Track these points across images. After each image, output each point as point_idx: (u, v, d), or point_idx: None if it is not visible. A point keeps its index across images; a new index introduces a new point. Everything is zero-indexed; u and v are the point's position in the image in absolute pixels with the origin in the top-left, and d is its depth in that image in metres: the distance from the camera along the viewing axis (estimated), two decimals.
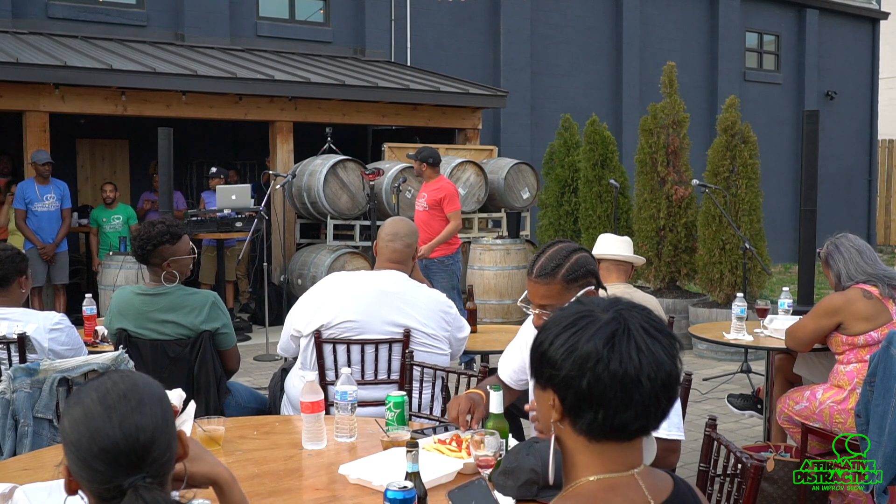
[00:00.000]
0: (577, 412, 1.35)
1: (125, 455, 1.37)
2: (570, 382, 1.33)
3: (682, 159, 8.57)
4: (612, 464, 1.36)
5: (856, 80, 19.09)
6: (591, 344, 1.33)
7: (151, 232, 3.58)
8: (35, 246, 8.34)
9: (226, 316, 3.68)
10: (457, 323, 3.66)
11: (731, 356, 7.70)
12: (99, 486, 1.38)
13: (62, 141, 10.12)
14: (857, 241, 3.98)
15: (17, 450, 2.83)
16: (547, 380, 1.38)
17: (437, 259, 7.44)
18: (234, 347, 3.75)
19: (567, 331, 1.36)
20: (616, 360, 1.31)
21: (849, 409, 3.74)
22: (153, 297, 3.61)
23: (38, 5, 10.65)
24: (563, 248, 2.62)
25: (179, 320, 3.58)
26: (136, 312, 3.60)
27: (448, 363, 3.66)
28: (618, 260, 4.20)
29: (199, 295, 3.65)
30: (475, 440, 2.20)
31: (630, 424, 1.34)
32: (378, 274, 3.57)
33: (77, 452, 1.38)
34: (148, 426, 1.40)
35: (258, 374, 7.23)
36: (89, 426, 1.38)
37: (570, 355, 1.34)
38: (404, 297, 3.51)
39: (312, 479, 2.44)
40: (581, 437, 1.36)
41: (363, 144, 12.48)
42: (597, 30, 15.20)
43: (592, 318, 1.36)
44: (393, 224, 3.65)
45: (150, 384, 1.47)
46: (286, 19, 12.47)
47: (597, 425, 1.33)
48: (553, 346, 1.36)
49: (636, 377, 1.31)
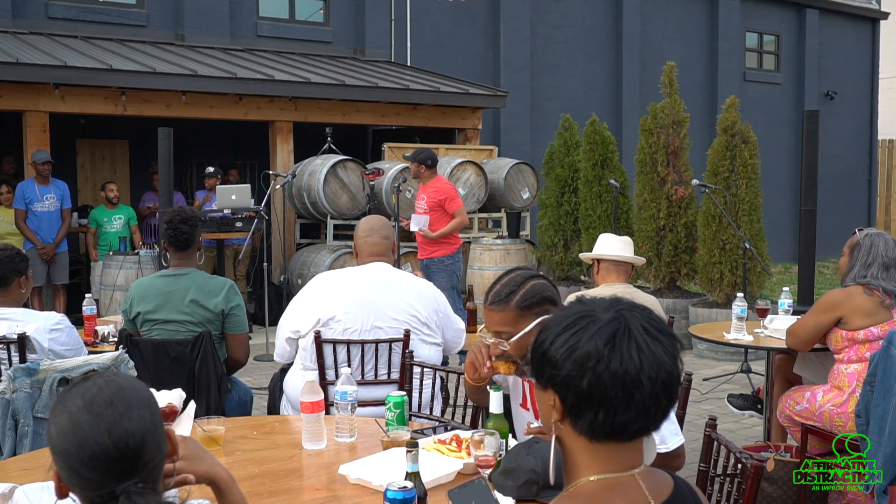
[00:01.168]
0: (577, 412, 1.34)
1: (116, 462, 1.36)
2: (571, 382, 1.33)
3: (682, 159, 8.57)
4: (612, 464, 1.36)
5: (856, 80, 19.09)
6: (591, 344, 1.32)
7: (190, 213, 3.89)
8: (35, 246, 8.34)
9: (240, 300, 3.87)
10: (447, 311, 3.72)
11: (731, 356, 7.70)
12: (91, 493, 1.37)
13: (62, 141, 10.12)
14: (892, 253, 3.83)
15: (17, 450, 2.83)
16: (548, 380, 1.38)
17: (438, 259, 7.45)
18: (243, 335, 3.88)
19: (567, 330, 1.36)
20: (617, 359, 1.31)
21: (849, 413, 3.73)
22: (176, 278, 3.80)
23: (38, 5, 10.65)
24: (519, 275, 2.58)
25: (201, 300, 3.75)
26: (159, 293, 3.78)
27: (440, 357, 3.69)
28: (618, 260, 4.20)
29: (217, 279, 3.89)
30: (475, 440, 2.20)
31: (631, 425, 1.33)
32: (364, 267, 3.67)
33: (66, 461, 1.37)
34: (137, 431, 1.38)
35: (258, 374, 7.23)
36: (77, 435, 1.36)
37: (571, 355, 1.33)
38: (394, 284, 3.61)
39: (312, 479, 2.44)
40: (581, 437, 1.36)
41: (363, 144, 12.49)
42: (597, 30, 15.20)
43: (593, 318, 1.36)
44: (367, 221, 3.79)
45: (136, 387, 1.45)
46: (286, 19, 12.47)
47: (597, 425, 1.33)
48: (553, 346, 1.36)
49: (637, 377, 1.31)
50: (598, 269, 4.23)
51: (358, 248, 3.75)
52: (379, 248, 3.69)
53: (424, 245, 7.58)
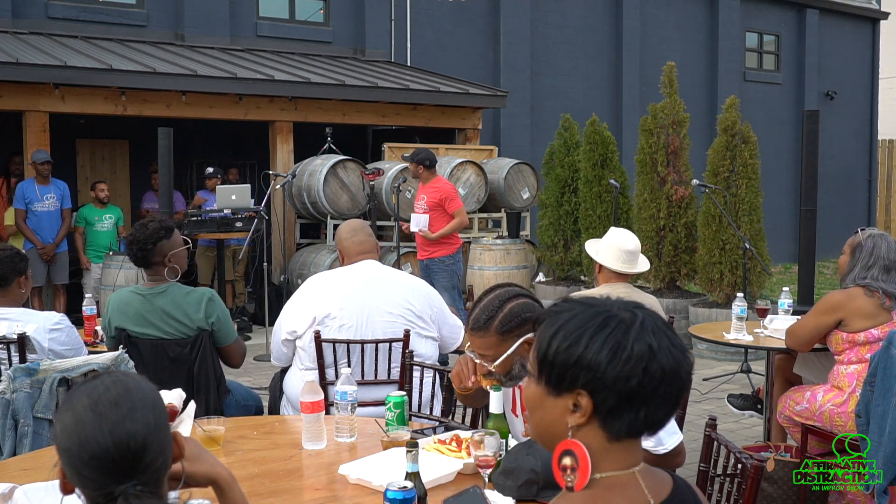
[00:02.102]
0: (615, 413, 1.33)
1: (115, 463, 1.36)
2: (616, 384, 1.32)
3: (682, 159, 8.57)
4: (615, 462, 1.35)
5: (856, 80, 19.09)
6: (640, 344, 1.32)
7: (147, 231, 3.60)
8: (35, 246, 8.34)
9: (223, 310, 3.69)
10: (441, 306, 3.75)
11: (731, 356, 7.70)
12: (91, 492, 1.38)
13: (62, 141, 10.12)
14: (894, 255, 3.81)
15: (17, 450, 2.83)
16: (582, 384, 1.34)
17: (438, 258, 7.45)
18: (235, 343, 3.75)
19: (601, 332, 1.34)
20: (664, 357, 1.33)
21: (849, 412, 3.73)
22: (152, 297, 3.61)
23: (38, 5, 10.65)
24: (497, 296, 2.48)
25: (180, 317, 3.59)
26: (136, 312, 3.60)
27: (437, 353, 3.70)
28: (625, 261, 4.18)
29: (195, 292, 3.68)
30: (475, 440, 2.20)
31: (664, 419, 1.36)
32: (355, 266, 3.69)
33: (68, 459, 1.38)
34: (139, 433, 1.38)
35: (258, 374, 7.23)
36: (80, 433, 1.36)
37: (617, 356, 1.32)
38: (387, 279, 3.64)
39: (312, 479, 2.44)
40: (601, 437, 1.35)
41: (363, 144, 12.49)
42: (597, 30, 15.20)
43: (621, 318, 1.35)
44: (347, 224, 3.86)
45: (143, 388, 1.44)
46: (286, 19, 12.47)
47: (638, 423, 1.34)
48: (591, 350, 1.33)
49: (677, 372, 1.34)
50: (600, 270, 4.21)
51: (344, 249, 3.77)
52: (366, 245, 3.75)
53: (424, 245, 7.56)
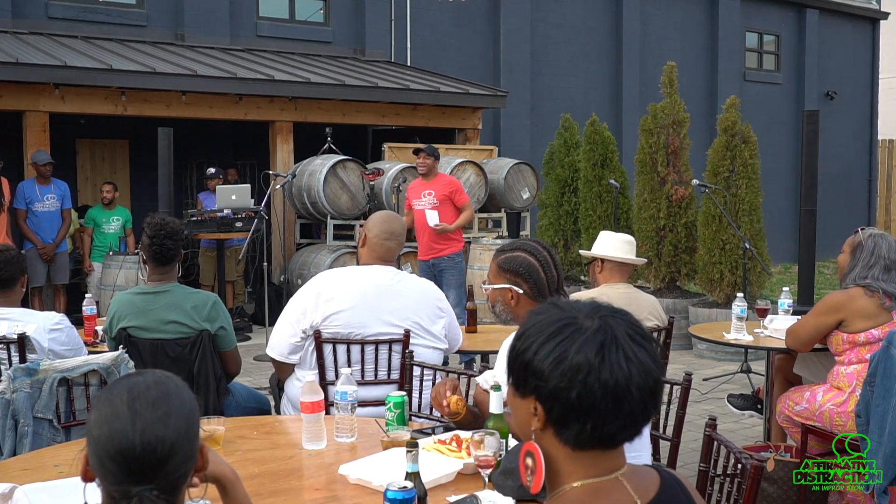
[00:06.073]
0: (563, 423, 1.31)
1: (138, 462, 1.37)
2: (559, 394, 1.29)
3: (682, 159, 8.58)
4: (595, 469, 1.34)
5: (856, 80, 19.09)
6: (581, 355, 1.29)
7: (175, 225, 3.63)
8: (35, 246, 8.34)
9: (226, 317, 3.69)
10: (449, 311, 3.70)
11: (731, 356, 7.70)
12: (109, 486, 1.39)
13: (62, 141, 10.12)
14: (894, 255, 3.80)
15: (17, 450, 2.83)
16: (532, 390, 1.33)
17: (448, 256, 7.39)
18: (234, 350, 3.75)
19: (552, 339, 1.32)
20: (606, 371, 1.28)
21: (849, 412, 3.73)
22: (155, 296, 3.61)
23: (38, 5, 10.65)
24: (520, 243, 2.81)
25: (181, 318, 3.57)
26: (138, 312, 3.59)
27: (441, 358, 3.67)
28: (622, 260, 4.20)
29: (200, 294, 3.67)
30: (475, 440, 2.20)
31: (618, 434, 1.32)
32: (370, 269, 3.57)
33: (95, 448, 1.39)
34: (169, 438, 1.38)
35: (258, 374, 7.23)
36: (112, 425, 1.38)
37: (559, 366, 1.29)
38: (398, 289, 3.54)
39: (312, 479, 2.44)
40: (565, 446, 1.33)
41: (363, 144, 12.48)
42: (597, 30, 15.20)
43: (578, 327, 1.32)
44: (389, 223, 3.59)
45: (182, 396, 1.45)
46: (286, 19, 12.47)
47: (585, 436, 1.31)
48: (538, 357, 1.32)
49: (626, 387, 1.29)
50: (601, 269, 4.20)
51: (369, 244, 3.57)
52: (392, 253, 3.60)
53: (433, 244, 7.38)
